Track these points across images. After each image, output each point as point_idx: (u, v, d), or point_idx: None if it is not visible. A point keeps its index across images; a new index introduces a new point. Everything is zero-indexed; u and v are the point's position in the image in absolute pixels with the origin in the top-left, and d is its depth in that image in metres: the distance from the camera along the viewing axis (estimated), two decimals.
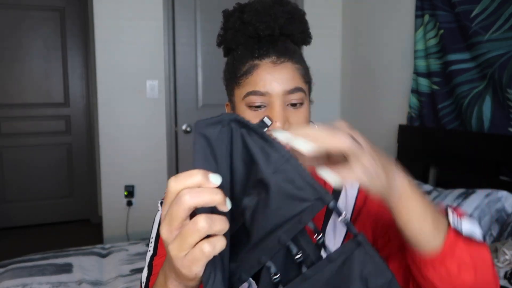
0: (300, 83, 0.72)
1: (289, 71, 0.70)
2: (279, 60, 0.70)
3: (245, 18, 0.72)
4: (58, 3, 3.71)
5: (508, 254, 1.46)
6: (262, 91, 0.69)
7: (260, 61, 0.70)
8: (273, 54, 0.70)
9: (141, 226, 2.94)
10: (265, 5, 0.72)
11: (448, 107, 2.30)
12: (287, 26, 0.73)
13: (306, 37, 0.78)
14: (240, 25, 0.73)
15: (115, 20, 2.79)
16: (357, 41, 3.15)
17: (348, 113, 3.32)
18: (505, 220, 1.75)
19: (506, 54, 1.92)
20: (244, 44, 0.73)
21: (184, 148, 3.06)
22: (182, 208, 0.41)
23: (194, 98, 3.05)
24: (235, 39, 0.74)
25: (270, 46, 0.71)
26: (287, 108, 0.71)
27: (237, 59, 0.73)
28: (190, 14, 2.99)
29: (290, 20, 0.73)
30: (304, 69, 0.75)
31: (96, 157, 3.74)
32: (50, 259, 1.85)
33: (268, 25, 0.71)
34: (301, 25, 0.76)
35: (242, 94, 0.71)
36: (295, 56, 0.73)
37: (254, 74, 0.70)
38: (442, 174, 2.33)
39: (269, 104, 0.70)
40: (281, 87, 0.69)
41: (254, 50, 0.71)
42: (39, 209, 3.84)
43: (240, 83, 0.72)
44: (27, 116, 3.74)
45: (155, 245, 0.80)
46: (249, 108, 0.71)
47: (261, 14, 0.71)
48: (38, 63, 3.72)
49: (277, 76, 0.69)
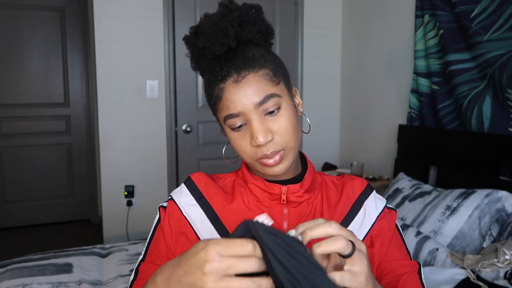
0: (268, 89, 0.69)
1: (252, 84, 0.68)
2: (240, 76, 0.68)
3: (198, 44, 0.70)
4: (58, 3, 3.71)
5: (508, 254, 1.46)
6: (235, 113, 0.69)
7: (224, 83, 0.69)
8: (233, 72, 0.68)
9: (141, 226, 2.95)
10: (213, 23, 0.69)
11: (448, 107, 2.30)
12: (241, 34, 0.70)
13: (266, 34, 0.74)
14: (197, 52, 0.72)
15: (115, 20, 2.79)
16: (357, 41, 3.15)
17: (348, 113, 3.32)
18: (505, 220, 1.75)
19: (506, 54, 1.92)
20: (208, 68, 0.72)
21: (184, 148, 3.06)
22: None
23: (194, 98, 3.05)
24: (199, 66, 0.74)
25: (230, 65, 0.69)
26: (265, 118, 0.70)
27: (207, 85, 0.73)
28: (190, 14, 2.99)
29: (241, 25, 0.70)
30: (270, 70, 0.71)
31: (96, 157, 3.74)
32: (50, 259, 1.85)
33: (222, 42, 0.68)
34: (255, 26, 0.71)
35: (222, 118, 0.72)
36: (255, 63, 0.70)
37: (223, 98, 0.69)
38: (442, 174, 2.33)
39: (247, 121, 0.70)
40: (250, 102, 0.68)
41: (216, 73, 0.70)
42: (39, 209, 3.84)
43: (217, 108, 0.72)
44: (27, 116, 3.74)
45: (146, 249, 0.79)
46: (232, 130, 0.72)
47: (212, 34, 0.69)
48: (38, 63, 3.72)
49: (242, 93, 0.68)
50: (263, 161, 0.71)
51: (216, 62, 0.70)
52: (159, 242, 0.77)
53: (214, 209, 0.77)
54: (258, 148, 0.70)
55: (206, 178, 0.82)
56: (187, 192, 0.79)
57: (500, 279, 1.42)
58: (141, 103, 2.91)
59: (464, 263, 1.57)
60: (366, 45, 3.04)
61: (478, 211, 1.76)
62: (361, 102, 3.14)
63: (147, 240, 0.81)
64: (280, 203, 0.77)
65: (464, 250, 1.75)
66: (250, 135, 0.69)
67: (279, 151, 0.70)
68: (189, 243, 0.75)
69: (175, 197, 0.80)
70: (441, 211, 1.84)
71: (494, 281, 1.43)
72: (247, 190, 0.79)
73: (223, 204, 0.78)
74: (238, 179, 0.82)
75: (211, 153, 3.10)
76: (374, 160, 2.97)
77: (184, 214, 0.78)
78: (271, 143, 0.69)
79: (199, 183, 0.80)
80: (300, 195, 0.76)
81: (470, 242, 1.75)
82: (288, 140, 0.71)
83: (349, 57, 3.27)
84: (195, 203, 0.78)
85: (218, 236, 0.75)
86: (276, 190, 0.76)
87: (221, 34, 0.69)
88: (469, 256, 1.60)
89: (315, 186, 0.80)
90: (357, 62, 3.17)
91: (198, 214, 0.77)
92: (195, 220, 0.77)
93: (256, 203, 0.77)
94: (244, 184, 0.80)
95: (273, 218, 0.74)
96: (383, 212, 0.81)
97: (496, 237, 1.74)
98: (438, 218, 1.82)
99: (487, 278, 1.46)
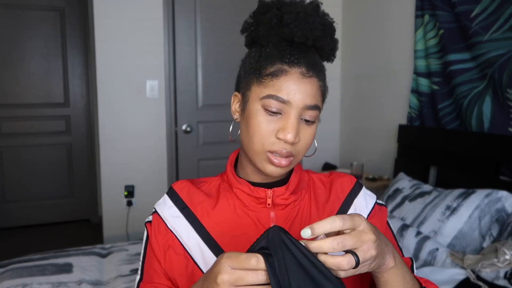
0: (319, 101, 0.71)
1: (313, 87, 0.69)
2: (308, 73, 0.68)
3: (283, 19, 0.69)
4: (58, 3, 3.71)
5: (508, 254, 1.46)
6: (284, 99, 0.68)
7: (289, 67, 0.68)
8: (303, 65, 0.68)
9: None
10: (306, 11, 0.69)
11: (448, 107, 2.30)
12: (321, 40, 0.71)
13: (331, 54, 0.76)
14: (276, 24, 0.70)
15: (115, 20, 2.79)
16: (357, 41, 3.15)
17: (349, 113, 3.32)
18: (505, 220, 1.75)
19: (506, 54, 1.92)
20: (275, 44, 0.71)
21: (184, 148, 3.06)
22: None
23: (194, 98, 3.05)
24: (268, 36, 0.72)
25: (302, 56, 0.69)
26: (301, 122, 0.70)
27: (265, 57, 0.71)
28: (190, 14, 2.99)
29: (324, 33, 0.71)
30: (324, 87, 0.74)
31: (96, 157, 3.74)
32: (50, 259, 1.85)
33: (305, 33, 0.69)
34: (332, 42, 0.74)
35: (262, 93, 0.69)
36: (321, 73, 0.72)
37: (281, 79, 0.68)
38: (442, 174, 2.33)
39: (285, 113, 0.69)
40: (303, 100, 0.68)
41: (285, 54, 0.69)
42: (39, 209, 3.84)
43: (262, 81, 0.69)
44: (27, 116, 3.74)
45: (141, 269, 0.79)
46: (264, 110, 0.69)
47: (301, 19, 0.68)
48: (38, 63, 3.72)
49: (303, 88, 0.68)
50: (272, 156, 0.70)
51: (288, 46, 0.70)
52: (152, 260, 0.76)
53: (199, 218, 0.76)
54: (279, 142, 0.69)
55: (188, 186, 0.80)
56: (171, 204, 0.78)
57: (500, 279, 1.42)
58: (141, 103, 2.91)
59: (464, 263, 1.57)
60: (366, 45, 3.04)
61: (478, 211, 1.76)
62: (361, 102, 3.14)
63: (140, 258, 0.80)
64: (266, 207, 0.76)
65: (464, 250, 1.75)
66: (281, 127, 0.68)
67: (291, 156, 0.70)
68: (176, 256, 0.74)
69: (159, 210, 0.78)
70: (441, 211, 1.84)
71: (494, 281, 1.43)
72: (232, 195, 0.77)
73: (207, 211, 0.76)
74: (223, 183, 0.81)
75: (211, 153, 3.10)
76: (374, 160, 2.97)
77: (169, 227, 0.76)
78: (292, 145, 0.69)
79: (181, 193, 0.79)
80: (286, 198, 0.75)
81: (470, 242, 1.75)
82: (302, 152, 0.72)
83: (349, 57, 3.27)
84: (180, 215, 0.77)
85: (205, 246, 0.74)
86: (261, 194, 0.75)
87: (307, 25, 0.69)
88: (469, 256, 1.60)
89: (302, 186, 0.79)
90: (357, 62, 3.17)
91: (183, 225, 0.76)
92: (181, 232, 0.75)
93: (242, 208, 0.76)
94: (229, 188, 0.79)
95: (260, 222, 0.75)
96: (374, 209, 0.81)
97: (496, 237, 1.74)
98: (438, 218, 1.82)
99: (487, 278, 1.46)
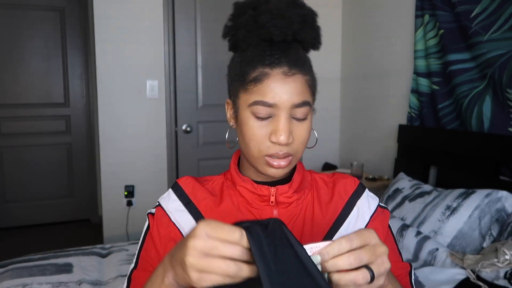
0: (307, 96, 0.70)
1: (298, 84, 0.68)
2: (291, 72, 0.67)
3: (259, 20, 0.68)
4: (58, 3, 3.71)
5: (508, 254, 1.46)
6: (270, 103, 0.67)
7: (271, 70, 0.67)
8: (285, 64, 0.67)
9: (141, 226, 2.94)
10: (280, 7, 0.68)
11: (448, 107, 2.30)
12: (301, 32, 0.69)
13: (316, 43, 0.74)
14: (252, 25, 0.69)
15: (115, 20, 2.79)
16: (357, 41, 3.15)
17: (349, 113, 3.32)
18: (505, 220, 1.75)
19: (506, 54, 1.92)
20: (255, 46, 0.70)
21: (184, 148, 3.06)
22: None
23: (194, 98, 3.05)
24: (247, 39, 0.70)
25: (283, 55, 0.68)
26: (292, 121, 0.69)
27: (247, 61, 0.70)
28: (190, 14, 2.99)
29: (303, 24, 0.69)
30: (312, 80, 0.72)
31: (96, 157, 3.74)
32: (50, 259, 1.85)
33: (283, 30, 0.67)
34: (314, 31, 0.72)
35: (249, 100, 0.69)
36: (306, 66, 0.70)
37: (264, 84, 0.67)
38: (442, 174, 2.33)
39: (275, 116, 0.68)
40: (290, 100, 0.67)
41: (266, 56, 0.68)
42: (39, 209, 3.84)
43: (247, 88, 0.69)
44: (27, 116, 3.74)
45: (137, 257, 0.79)
46: (254, 117, 0.69)
47: (276, 16, 0.67)
48: (38, 63, 3.72)
49: (287, 88, 0.67)
50: (270, 159, 0.70)
51: (269, 46, 0.69)
52: (150, 249, 0.77)
53: (202, 213, 0.76)
54: (274, 145, 0.69)
55: (193, 182, 0.80)
56: (175, 198, 0.78)
57: (500, 279, 1.42)
58: (141, 103, 2.91)
59: (464, 263, 1.57)
60: (366, 45, 3.04)
61: (478, 211, 1.76)
62: (361, 102, 3.14)
63: (137, 247, 0.80)
64: (269, 205, 0.76)
65: (464, 250, 1.75)
66: (273, 130, 0.68)
67: (289, 156, 0.70)
68: None
69: (162, 204, 0.79)
70: (441, 211, 1.84)
71: (494, 281, 1.43)
72: (236, 192, 0.78)
73: (211, 208, 0.77)
74: (226, 182, 0.81)
75: (211, 153, 3.11)
76: (374, 160, 2.97)
77: (172, 220, 0.76)
78: (287, 146, 0.69)
79: (186, 188, 0.79)
80: (290, 196, 0.76)
81: (470, 242, 1.75)
82: (300, 149, 0.71)
83: (349, 57, 3.27)
84: (184, 209, 0.77)
85: None
86: (265, 191, 0.75)
87: (283, 22, 0.67)
88: (469, 256, 1.60)
89: (304, 185, 0.79)
90: (357, 62, 3.17)
91: (187, 219, 0.76)
92: (184, 225, 0.76)
93: (246, 205, 0.77)
94: (233, 186, 0.79)
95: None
96: (376, 211, 0.81)
97: (496, 237, 1.74)
98: (438, 218, 1.82)
99: (487, 278, 1.46)
